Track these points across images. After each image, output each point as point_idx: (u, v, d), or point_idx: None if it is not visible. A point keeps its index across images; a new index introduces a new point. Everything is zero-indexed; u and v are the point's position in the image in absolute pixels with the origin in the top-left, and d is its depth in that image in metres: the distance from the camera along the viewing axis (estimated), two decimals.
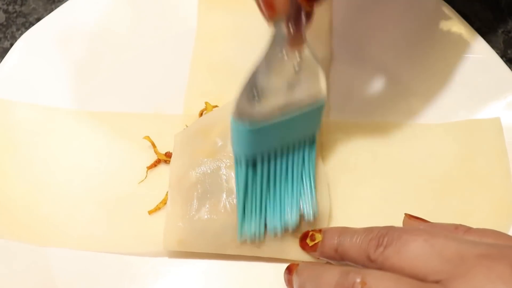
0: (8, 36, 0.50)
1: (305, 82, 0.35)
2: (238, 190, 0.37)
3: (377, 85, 0.47)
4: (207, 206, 0.38)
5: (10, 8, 0.52)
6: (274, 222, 0.37)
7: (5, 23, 0.51)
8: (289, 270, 0.35)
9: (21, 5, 0.52)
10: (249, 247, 0.38)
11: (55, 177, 0.43)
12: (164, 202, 0.41)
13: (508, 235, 0.29)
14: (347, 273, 0.29)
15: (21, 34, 0.47)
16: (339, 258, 0.33)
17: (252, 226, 0.37)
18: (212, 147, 0.40)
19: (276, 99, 0.34)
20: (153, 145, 0.43)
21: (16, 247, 0.40)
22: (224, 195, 0.38)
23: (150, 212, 0.41)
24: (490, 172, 0.42)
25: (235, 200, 0.38)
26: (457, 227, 0.30)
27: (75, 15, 0.48)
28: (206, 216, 0.38)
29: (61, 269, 0.39)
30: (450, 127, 0.44)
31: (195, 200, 0.39)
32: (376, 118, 0.45)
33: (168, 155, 0.42)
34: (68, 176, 0.43)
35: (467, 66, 0.46)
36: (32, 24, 0.50)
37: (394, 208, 0.41)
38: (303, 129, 0.37)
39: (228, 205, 0.38)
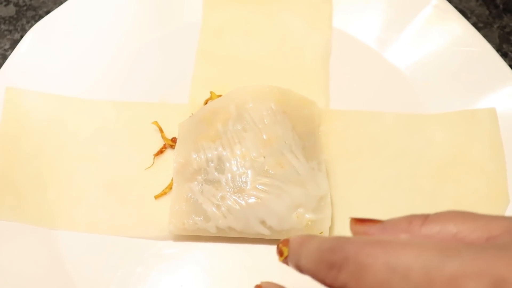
0: (19, 29, 0.52)
1: None
2: None
3: (376, 75, 0.48)
4: (211, 190, 0.40)
5: (21, 1, 0.53)
6: None
7: (15, 16, 0.53)
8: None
9: None
10: (252, 230, 0.39)
11: (63, 163, 0.44)
12: (169, 187, 0.42)
13: (470, 214, 0.24)
14: None
15: (31, 26, 0.48)
16: (304, 274, 0.28)
17: None
18: (215, 133, 0.42)
19: None
20: (161, 130, 0.44)
21: (26, 230, 0.41)
22: (227, 178, 0.40)
23: (156, 197, 0.42)
24: (486, 159, 0.43)
25: (237, 183, 0.39)
26: (411, 221, 0.25)
27: (83, 8, 0.49)
28: (210, 200, 0.39)
29: (69, 251, 0.41)
30: (448, 116, 0.45)
31: (199, 184, 0.40)
32: (375, 108, 0.46)
33: (174, 140, 0.44)
34: (77, 162, 0.44)
35: (464, 59, 0.47)
36: (41, 17, 0.51)
37: (393, 195, 0.43)
38: None
39: (231, 189, 0.39)
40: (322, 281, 0.25)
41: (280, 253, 0.30)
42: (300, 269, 0.27)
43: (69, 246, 0.41)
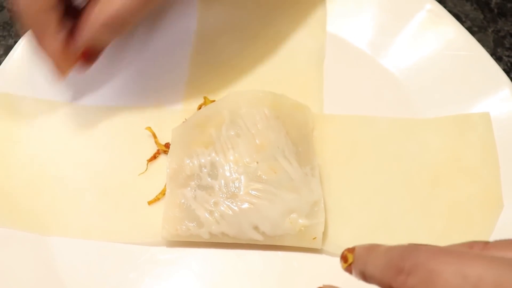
0: (13, 34, 0.52)
1: None
2: None
3: (370, 80, 0.48)
4: (204, 195, 0.40)
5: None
6: None
7: (9, 21, 0.53)
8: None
9: None
10: (245, 235, 0.39)
11: (57, 169, 0.44)
12: (163, 193, 0.42)
13: None
14: None
15: (25, 32, 0.48)
16: (370, 282, 0.28)
17: None
18: (208, 139, 0.42)
19: None
20: (154, 135, 0.44)
21: (18, 236, 0.41)
22: (220, 184, 0.40)
23: (149, 203, 0.42)
24: (480, 164, 0.43)
25: (230, 188, 0.39)
26: (472, 246, 0.26)
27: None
28: (203, 206, 0.39)
29: (63, 258, 0.40)
30: (442, 121, 0.45)
31: (192, 190, 0.40)
32: (369, 113, 0.46)
33: (168, 145, 0.44)
34: (70, 168, 0.44)
35: (459, 64, 0.47)
36: None
37: (387, 199, 0.43)
38: None
39: (224, 195, 0.39)
40: (389, 287, 0.25)
41: (345, 259, 0.29)
42: (364, 275, 0.27)
43: (62, 252, 0.41)
